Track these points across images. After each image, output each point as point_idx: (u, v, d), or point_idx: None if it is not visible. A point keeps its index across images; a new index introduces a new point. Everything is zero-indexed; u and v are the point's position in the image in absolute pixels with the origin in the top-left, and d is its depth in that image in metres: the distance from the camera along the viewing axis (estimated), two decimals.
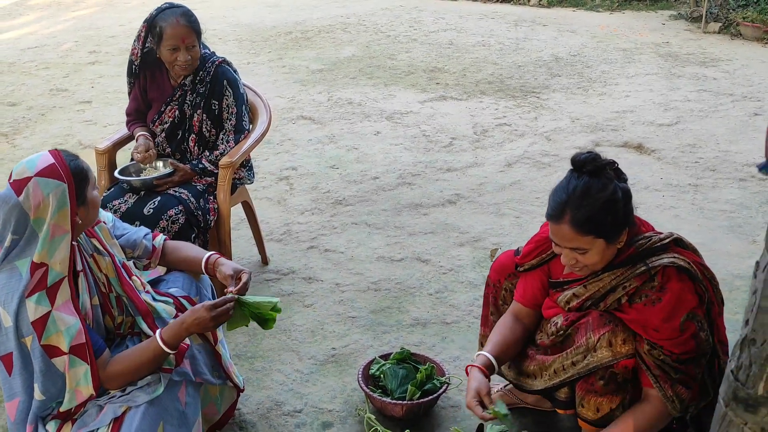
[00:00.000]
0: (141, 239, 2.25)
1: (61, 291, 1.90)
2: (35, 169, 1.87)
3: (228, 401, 2.32)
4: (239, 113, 3.00)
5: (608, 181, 1.91)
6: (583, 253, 1.94)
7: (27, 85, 6.19)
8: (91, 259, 2.06)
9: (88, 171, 1.98)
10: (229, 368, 2.24)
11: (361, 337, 2.88)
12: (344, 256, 3.48)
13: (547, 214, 1.98)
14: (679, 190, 4.10)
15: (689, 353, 1.94)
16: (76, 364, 1.90)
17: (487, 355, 2.10)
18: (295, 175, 4.40)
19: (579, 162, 1.94)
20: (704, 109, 5.35)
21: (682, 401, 1.96)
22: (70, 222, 1.90)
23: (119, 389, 1.99)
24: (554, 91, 5.85)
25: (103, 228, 2.14)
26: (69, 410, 2.00)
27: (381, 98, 5.77)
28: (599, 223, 1.90)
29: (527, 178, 4.31)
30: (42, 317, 1.87)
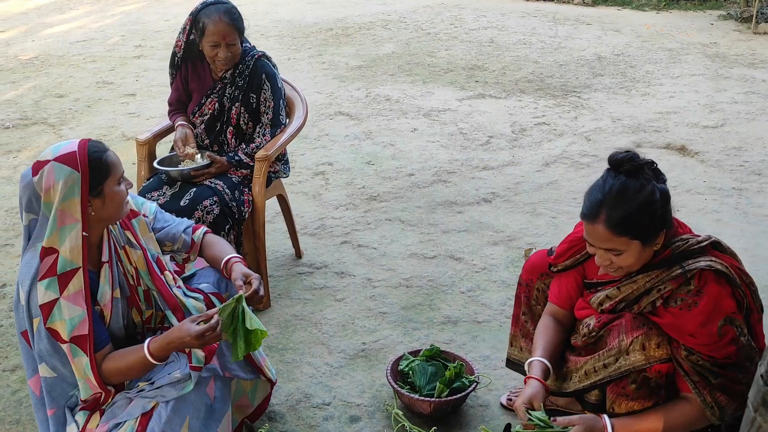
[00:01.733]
0: (180, 233, 2.23)
1: (74, 281, 1.91)
2: (56, 154, 1.90)
3: (262, 394, 2.32)
4: (276, 107, 3.03)
5: (646, 182, 1.86)
6: (617, 255, 1.90)
7: (74, 78, 6.35)
8: (122, 251, 2.08)
9: (111, 165, 1.94)
10: (261, 362, 2.23)
11: (392, 333, 2.88)
12: (377, 252, 3.49)
13: (582, 214, 1.94)
14: (722, 193, 3.98)
15: (730, 358, 1.88)
16: (78, 354, 1.92)
17: (543, 361, 2.05)
18: (330, 171, 4.42)
19: (616, 161, 1.90)
20: (752, 111, 5.20)
21: (722, 409, 1.89)
22: (81, 212, 1.88)
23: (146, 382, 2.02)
24: (596, 90, 5.76)
25: (141, 221, 2.15)
26: (96, 400, 2.02)
27: (419, 95, 5.75)
28: (635, 224, 1.85)
29: (565, 178, 4.25)
30: (49, 302, 1.88)
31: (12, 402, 2.50)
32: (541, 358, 2.06)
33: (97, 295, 2.01)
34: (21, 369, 2.66)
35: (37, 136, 5.06)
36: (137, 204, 2.19)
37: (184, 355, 2.01)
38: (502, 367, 2.61)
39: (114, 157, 1.98)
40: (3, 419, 2.42)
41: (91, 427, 2.03)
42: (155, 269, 2.11)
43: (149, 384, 2.00)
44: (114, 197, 1.97)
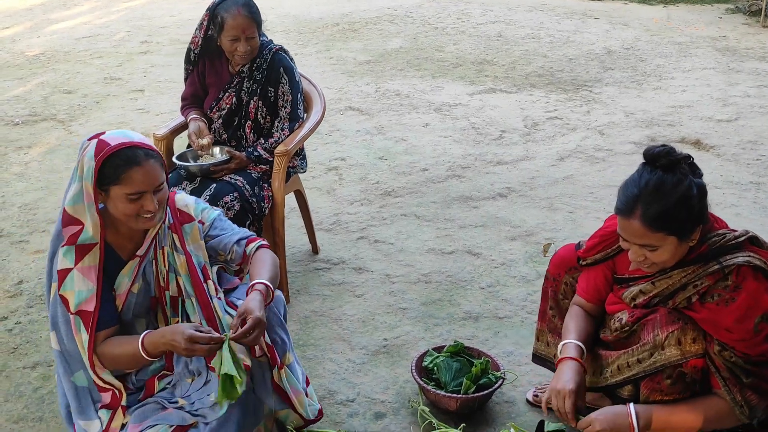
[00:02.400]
0: (232, 244, 2.14)
1: (91, 255, 1.93)
2: (105, 135, 1.92)
3: (294, 424, 2.19)
4: (294, 101, 3.00)
5: (683, 177, 1.83)
6: (652, 251, 1.87)
7: (82, 74, 6.32)
8: (160, 251, 2.05)
9: (124, 179, 1.88)
10: (293, 397, 2.10)
11: (413, 329, 2.86)
12: (394, 248, 3.46)
13: (617, 209, 1.91)
14: (740, 188, 3.96)
15: (764, 355, 1.86)
16: (81, 329, 1.93)
17: (578, 343, 2.00)
18: (343, 166, 4.39)
19: (652, 155, 1.87)
20: (765, 105, 5.17)
21: (752, 408, 1.87)
22: (94, 196, 1.90)
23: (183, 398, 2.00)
24: (607, 84, 5.72)
25: (195, 228, 2.10)
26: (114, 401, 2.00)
27: (429, 90, 5.72)
28: (672, 220, 1.82)
29: (580, 172, 4.22)
30: (64, 270, 1.92)
31: (34, 399, 2.48)
32: (575, 340, 2.03)
33: (115, 282, 2.00)
34: (41, 366, 2.65)
35: (47, 132, 5.04)
36: (198, 210, 2.14)
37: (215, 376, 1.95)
38: (526, 363, 2.60)
39: (137, 175, 1.88)
40: (26, 417, 2.40)
41: (115, 426, 2.01)
42: (198, 276, 2.05)
43: (189, 404, 1.98)
44: (117, 205, 1.93)
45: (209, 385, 2.01)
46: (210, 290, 2.07)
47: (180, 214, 2.11)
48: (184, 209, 2.13)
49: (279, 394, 2.09)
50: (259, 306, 1.94)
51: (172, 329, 1.91)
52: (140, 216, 1.94)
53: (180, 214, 2.11)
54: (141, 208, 1.92)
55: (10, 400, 2.47)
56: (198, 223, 2.12)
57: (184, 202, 2.14)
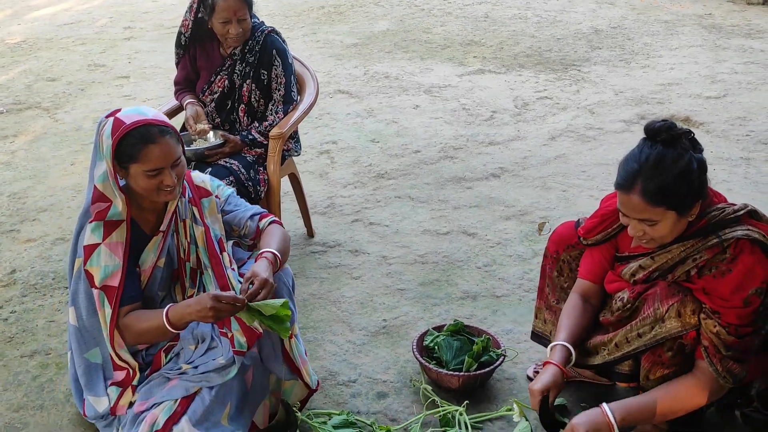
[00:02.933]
0: (246, 219, 2.19)
1: (118, 231, 1.97)
2: (121, 113, 1.93)
3: (297, 396, 2.25)
4: (288, 83, 2.98)
5: (683, 151, 1.84)
6: (652, 225, 1.88)
7: (65, 61, 6.22)
8: (182, 224, 2.08)
9: (141, 157, 1.91)
10: (301, 366, 2.17)
11: (411, 309, 2.86)
12: (389, 230, 3.46)
13: (617, 183, 1.92)
14: (730, 163, 3.99)
15: (747, 326, 1.88)
16: (105, 304, 1.96)
17: (565, 345, 2.03)
18: (335, 149, 4.38)
19: (653, 130, 1.87)
20: (753, 81, 5.20)
21: (734, 375, 1.89)
22: (113, 173, 1.93)
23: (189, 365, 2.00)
24: (595, 63, 5.73)
25: (212, 201, 2.15)
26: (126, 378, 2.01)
27: (418, 72, 5.70)
28: (672, 194, 1.83)
29: (572, 151, 4.23)
30: (92, 245, 1.95)
31: (34, 388, 2.47)
32: (564, 342, 2.05)
33: (140, 258, 2.01)
34: (39, 354, 2.63)
35: (33, 120, 4.96)
36: (213, 186, 2.20)
37: (227, 340, 1.99)
38: (525, 341, 2.61)
39: (154, 153, 1.92)
40: (26, 405, 2.39)
41: (123, 404, 2.03)
42: (215, 248, 2.10)
43: (193, 368, 1.98)
44: (138, 181, 1.97)
45: (215, 351, 2.03)
46: (225, 261, 2.11)
47: (198, 189, 2.16)
48: (201, 185, 2.18)
49: (288, 364, 2.14)
50: (265, 269, 1.97)
51: (197, 299, 1.93)
52: (161, 190, 1.97)
53: (198, 189, 2.16)
54: (161, 183, 1.96)
55: (9, 389, 2.46)
56: (215, 198, 2.16)
57: (201, 179, 2.20)
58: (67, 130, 4.79)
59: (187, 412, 1.94)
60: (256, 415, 2.13)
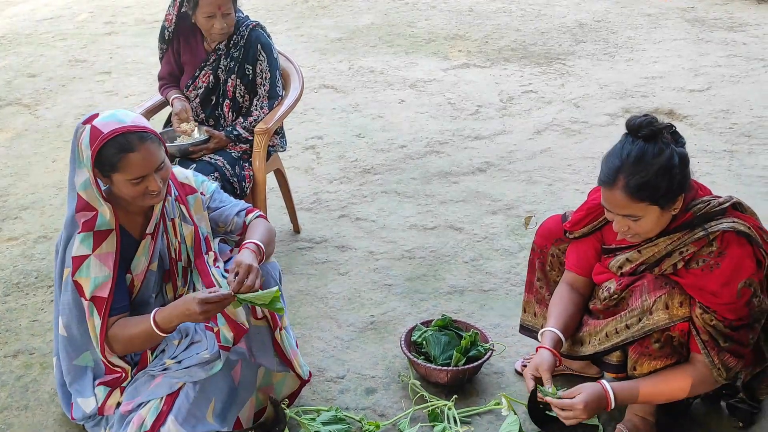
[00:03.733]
0: (233, 215, 2.18)
1: (108, 241, 1.93)
2: (99, 120, 1.88)
3: (289, 389, 2.25)
4: (273, 78, 2.95)
5: (664, 146, 1.85)
6: (635, 220, 1.89)
7: (45, 56, 6.14)
8: (170, 223, 2.05)
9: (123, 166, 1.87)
10: (292, 357, 2.17)
11: (399, 305, 2.86)
12: (376, 225, 3.45)
13: (600, 180, 1.93)
14: (714, 156, 4.02)
15: (743, 320, 1.90)
16: (94, 315, 1.93)
17: (555, 331, 2.05)
18: (321, 144, 4.36)
19: (634, 126, 1.88)
20: (735, 74, 5.24)
21: (729, 369, 1.91)
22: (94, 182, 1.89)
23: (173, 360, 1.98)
24: (580, 57, 5.75)
25: (198, 199, 2.12)
26: (117, 379, 2.00)
27: (403, 66, 5.68)
28: (653, 189, 1.84)
29: (557, 145, 4.24)
30: (81, 256, 1.91)
31: (18, 388, 2.43)
32: (553, 328, 2.07)
33: (132, 264, 1.97)
34: (23, 354, 2.60)
35: (13, 117, 4.89)
36: (197, 182, 2.17)
37: (212, 335, 1.97)
38: (513, 335, 2.62)
39: (135, 161, 1.87)
40: (10, 406, 2.35)
41: (110, 404, 2.01)
42: (201, 246, 2.08)
43: (176, 363, 1.96)
44: (122, 189, 1.93)
45: (199, 345, 2.01)
46: (209, 260, 2.09)
47: (183, 186, 2.12)
48: (185, 181, 2.14)
49: (279, 356, 2.13)
50: (248, 257, 1.96)
51: (182, 301, 1.91)
52: (147, 195, 1.94)
53: (183, 186, 2.12)
54: (146, 189, 1.92)
55: None
56: (200, 195, 2.13)
57: (184, 175, 2.16)
58: (48, 127, 4.72)
59: (173, 409, 1.92)
60: (242, 412, 2.12)
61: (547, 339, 2.05)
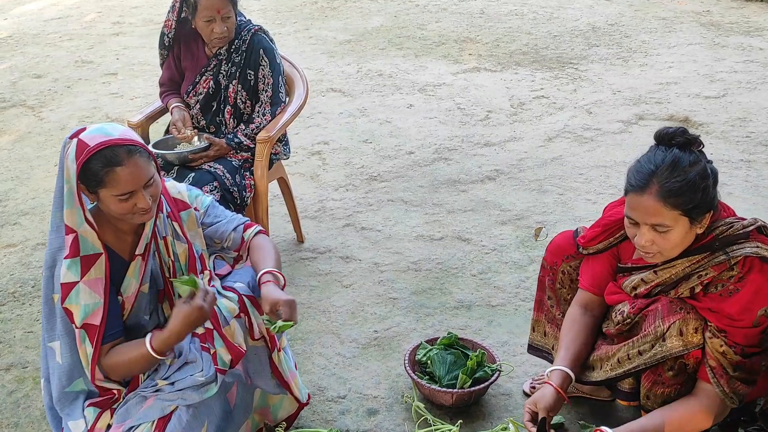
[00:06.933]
0: (230, 231, 2.08)
1: (97, 266, 1.84)
2: (86, 134, 1.79)
3: (286, 411, 2.17)
4: (276, 84, 2.87)
5: (699, 157, 1.77)
6: (664, 232, 1.77)
7: (52, 57, 6.09)
8: (162, 241, 1.96)
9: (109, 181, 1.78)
10: (290, 379, 2.09)
11: (404, 320, 2.77)
12: (382, 235, 3.36)
13: (629, 185, 1.80)
14: (730, 166, 3.91)
15: (754, 347, 1.80)
16: (86, 342, 1.85)
17: (564, 370, 1.95)
18: (327, 150, 4.27)
19: (667, 135, 1.80)
20: (752, 80, 5.11)
21: (741, 395, 1.82)
22: (78, 199, 1.80)
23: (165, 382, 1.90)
24: (593, 62, 5.63)
25: (191, 215, 2.03)
26: (108, 399, 1.92)
27: (412, 70, 5.59)
28: (688, 198, 1.73)
29: (569, 153, 4.14)
30: (69, 284, 1.83)
31: (9, 404, 2.36)
32: (563, 366, 1.97)
33: (122, 286, 1.90)
34: (16, 368, 2.52)
35: (17, 119, 4.84)
36: (191, 197, 2.07)
37: (208, 356, 1.89)
38: (521, 353, 2.53)
39: (122, 176, 1.77)
40: (0, 423, 2.28)
41: (100, 427, 1.93)
42: (195, 266, 1.99)
43: (169, 385, 1.88)
44: (109, 206, 1.83)
45: (193, 366, 1.93)
46: (204, 279, 2.01)
47: (176, 203, 2.02)
48: (178, 197, 2.04)
49: (276, 377, 2.05)
50: (280, 293, 1.90)
51: (175, 318, 1.83)
52: (136, 212, 1.84)
53: (176, 202, 2.03)
54: (134, 206, 1.82)
55: None
56: (194, 211, 2.04)
57: (177, 190, 2.06)
58: (52, 130, 4.67)
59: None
60: None
61: (555, 377, 1.94)
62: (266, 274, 1.96)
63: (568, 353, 1.98)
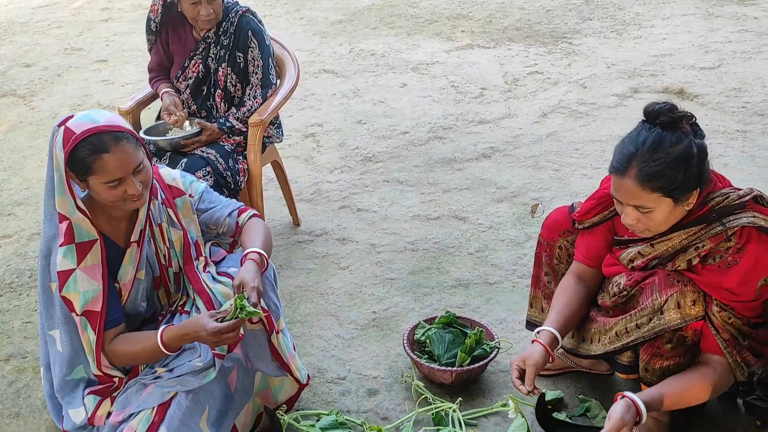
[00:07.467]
0: (225, 216, 2.07)
1: (93, 253, 1.83)
2: (73, 121, 1.77)
3: (287, 393, 2.17)
4: (266, 66, 2.84)
5: (683, 136, 1.74)
6: (646, 213, 1.78)
7: (41, 45, 6.03)
8: (157, 228, 1.95)
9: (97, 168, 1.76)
10: (290, 361, 2.09)
11: (402, 300, 2.77)
12: (378, 216, 3.35)
13: (611, 167, 1.81)
14: (726, 137, 3.89)
15: (760, 317, 1.80)
16: (88, 330, 1.85)
17: (552, 331, 1.97)
18: (321, 132, 4.24)
19: (653, 112, 1.76)
20: (747, 50, 5.07)
21: (750, 366, 1.83)
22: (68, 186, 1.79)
23: (164, 369, 1.90)
24: (586, 35, 5.59)
25: (186, 202, 2.02)
26: (109, 387, 1.93)
27: (405, 49, 5.54)
28: (667, 180, 1.73)
29: (564, 128, 4.12)
30: (66, 271, 1.82)
31: (9, 394, 2.36)
32: (551, 328, 1.98)
33: (119, 273, 1.89)
34: (15, 359, 2.52)
35: (7, 108, 4.80)
36: (185, 183, 2.05)
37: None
38: (520, 330, 2.53)
39: (110, 163, 1.75)
40: (1, 413, 2.28)
41: (101, 414, 1.94)
42: (191, 252, 1.99)
43: (168, 371, 1.88)
44: (99, 194, 1.82)
45: (191, 352, 1.93)
46: (199, 266, 2.01)
47: (171, 189, 2.01)
48: (173, 183, 2.03)
49: (276, 359, 2.06)
50: (253, 276, 1.87)
51: (194, 324, 1.83)
52: (126, 200, 1.83)
53: (170, 189, 2.01)
54: (125, 193, 1.81)
55: None
56: (188, 197, 2.02)
57: (171, 176, 2.04)
58: (43, 119, 4.63)
59: (164, 421, 1.84)
60: (239, 418, 2.04)
61: (544, 336, 1.97)
62: (251, 253, 1.95)
63: (558, 316, 2.00)
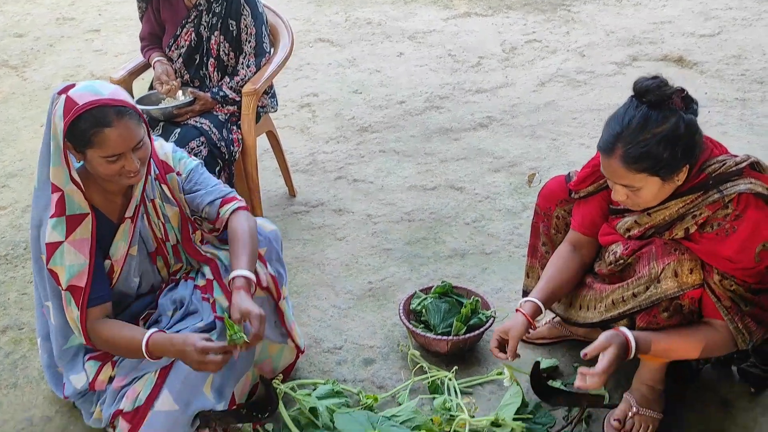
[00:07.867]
0: (206, 204, 2.00)
1: (83, 227, 1.81)
2: (74, 90, 1.74)
3: (286, 361, 2.18)
4: (259, 34, 2.79)
5: (671, 114, 1.71)
6: (635, 191, 1.78)
7: (32, 15, 5.94)
8: (150, 204, 1.93)
9: (97, 142, 1.72)
10: (292, 327, 2.11)
11: (398, 270, 2.76)
12: (374, 186, 3.34)
13: (598, 146, 1.80)
14: (725, 105, 3.86)
15: (762, 283, 1.80)
16: (71, 305, 1.83)
17: (535, 302, 1.98)
18: (317, 102, 4.20)
19: (641, 89, 1.73)
20: (747, 17, 5.01)
21: (751, 333, 1.83)
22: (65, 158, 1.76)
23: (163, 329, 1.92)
24: (585, 3, 5.51)
25: (174, 179, 1.98)
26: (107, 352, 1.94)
27: (401, 17, 5.47)
28: (653, 160, 1.71)
29: (562, 97, 4.08)
30: (54, 243, 1.80)
31: (6, 365, 2.37)
32: (535, 299, 1.99)
33: (110, 249, 1.88)
34: (12, 330, 2.53)
35: (0, 80, 4.74)
36: (175, 159, 2.01)
37: (208, 305, 1.90)
38: (516, 299, 2.52)
39: (111, 137, 1.72)
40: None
41: (102, 379, 1.94)
42: (188, 227, 1.98)
43: None
44: (96, 167, 1.79)
45: (194, 316, 1.94)
46: (196, 239, 2.02)
47: (164, 165, 1.99)
48: (165, 159, 2.00)
49: (282, 325, 2.08)
50: (252, 303, 1.81)
51: (183, 339, 1.77)
52: (123, 175, 1.80)
53: (164, 164, 1.99)
54: (122, 168, 1.78)
55: None
56: (176, 175, 2.00)
57: (164, 151, 2.01)
58: (36, 90, 4.58)
59: (167, 382, 1.85)
60: (237, 386, 2.05)
61: (527, 307, 1.98)
62: (238, 278, 1.86)
63: (547, 285, 2.01)
